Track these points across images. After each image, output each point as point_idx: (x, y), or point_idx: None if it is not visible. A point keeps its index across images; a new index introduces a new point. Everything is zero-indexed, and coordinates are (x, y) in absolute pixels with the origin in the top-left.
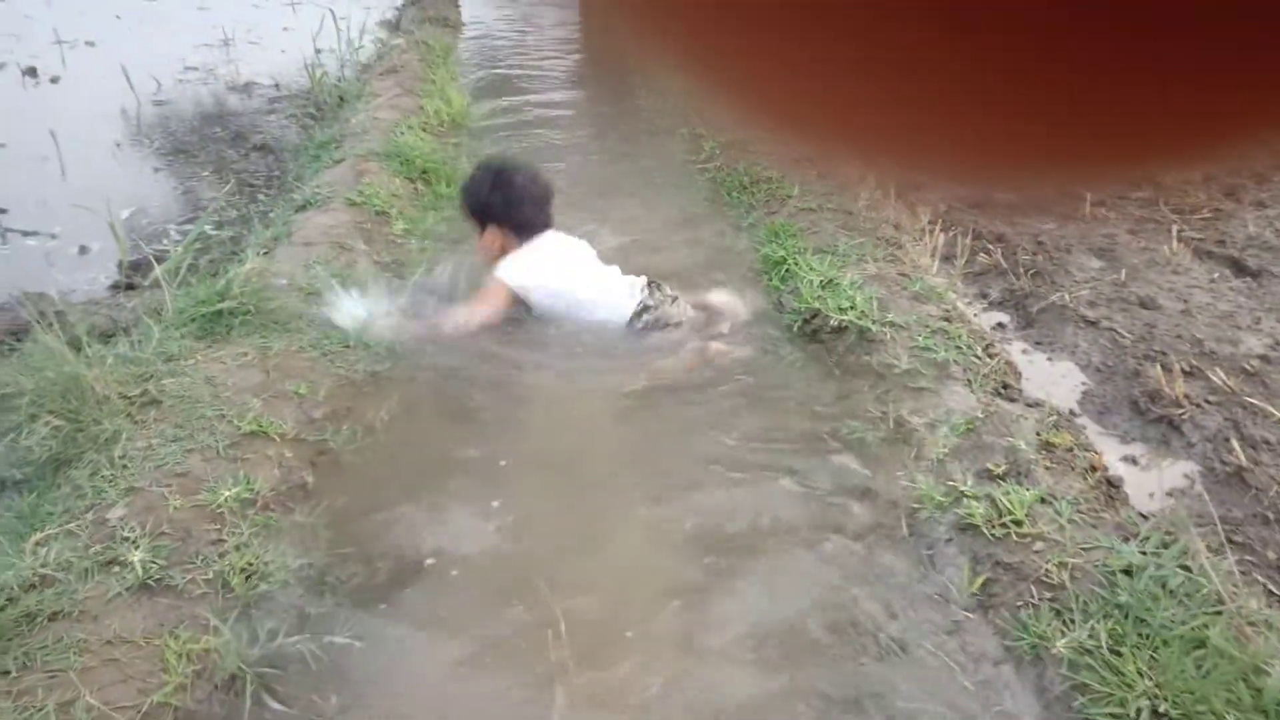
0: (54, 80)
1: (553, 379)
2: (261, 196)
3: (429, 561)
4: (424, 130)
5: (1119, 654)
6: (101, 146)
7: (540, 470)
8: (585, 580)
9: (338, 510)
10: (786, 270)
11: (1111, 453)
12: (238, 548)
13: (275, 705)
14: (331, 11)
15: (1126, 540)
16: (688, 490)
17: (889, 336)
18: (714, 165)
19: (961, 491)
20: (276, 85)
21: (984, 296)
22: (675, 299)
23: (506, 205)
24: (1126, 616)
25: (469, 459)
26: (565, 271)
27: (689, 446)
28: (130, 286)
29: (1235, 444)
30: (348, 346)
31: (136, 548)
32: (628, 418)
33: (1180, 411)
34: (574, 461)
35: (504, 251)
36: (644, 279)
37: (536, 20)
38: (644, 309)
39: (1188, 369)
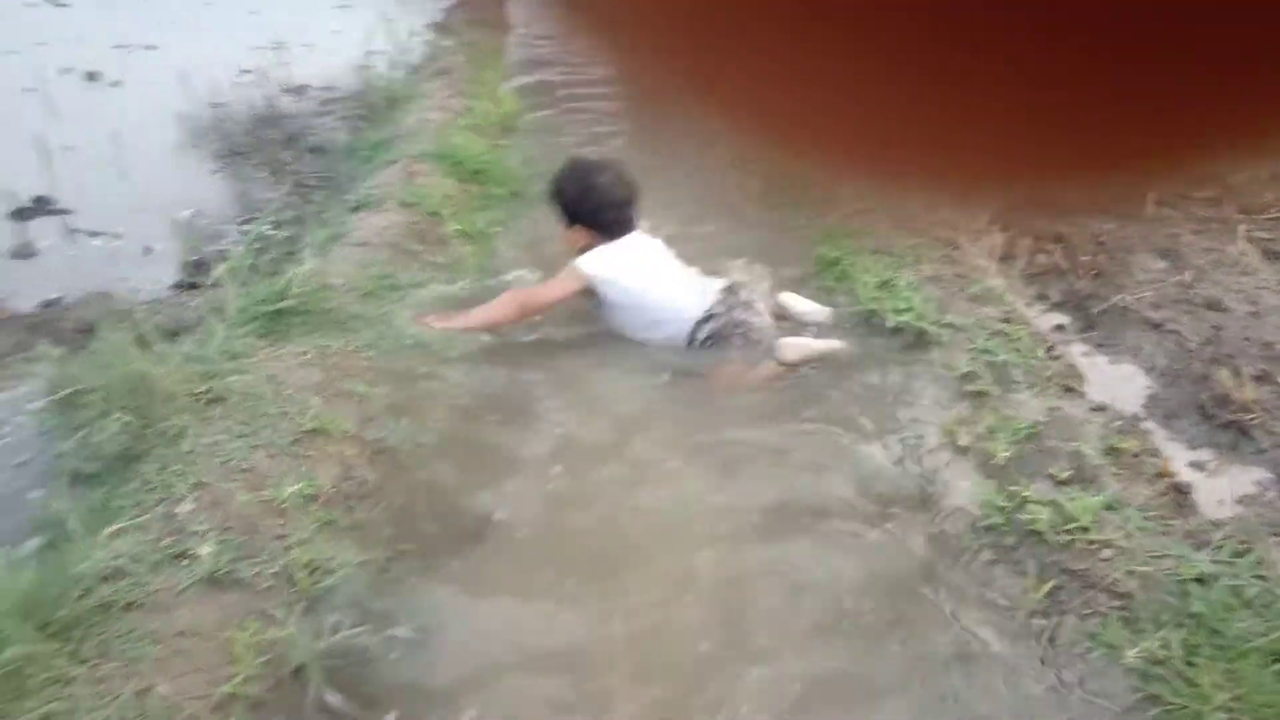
0: (115, 84)
1: (612, 375)
2: (316, 197)
3: (487, 553)
4: (474, 131)
5: (1193, 665)
6: (161, 149)
7: (600, 464)
8: (647, 576)
9: (397, 507)
10: (841, 271)
11: (1180, 459)
12: (301, 543)
13: (338, 697)
14: (383, 14)
15: (1198, 549)
16: (745, 486)
17: (947, 339)
18: (765, 162)
19: (1025, 497)
20: (329, 87)
21: (1044, 298)
22: (750, 304)
23: (590, 206)
24: (1200, 627)
25: (525, 456)
26: (640, 272)
27: (745, 445)
28: (193, 286)
29: None
30: (404, 346)
31: (205, 541)
32: (686, 412)
33: (1250, 416)
34: (632, 454)
35: (586, 250)
36: (723, 281)
37: None
38: (709, 317)
39: (1257, 373)
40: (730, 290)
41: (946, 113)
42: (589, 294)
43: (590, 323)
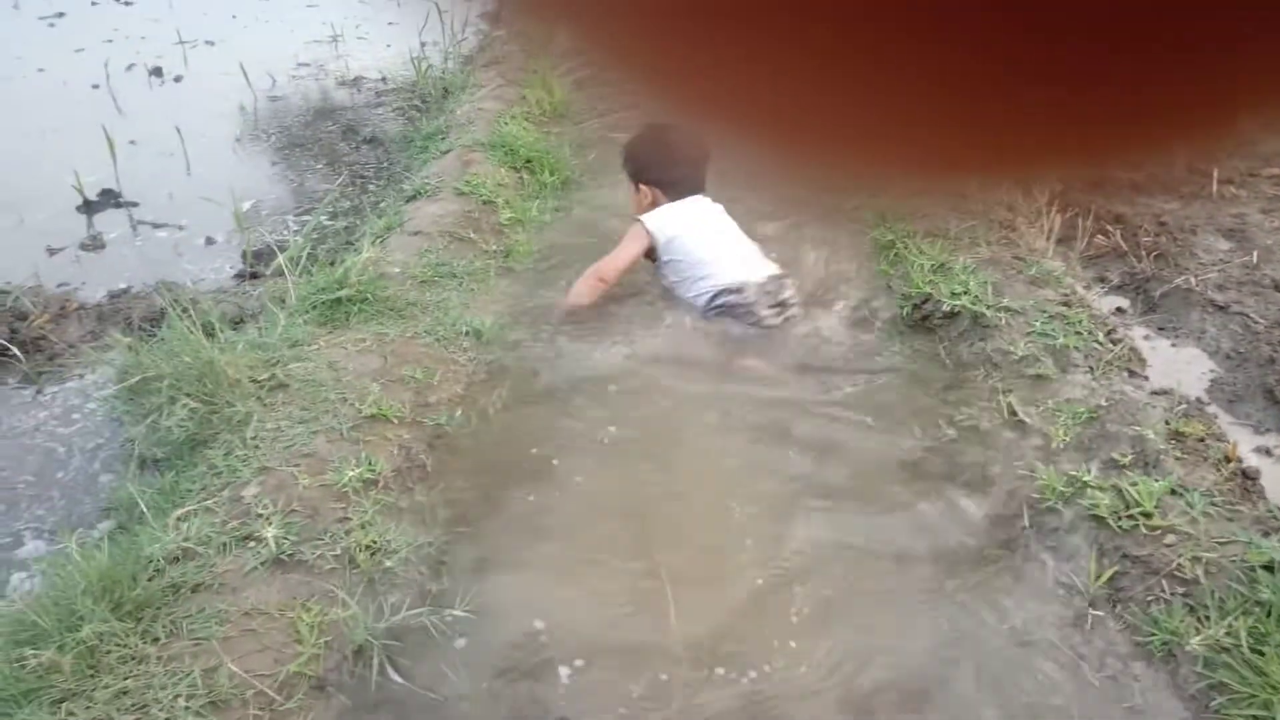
0: (177, 79)
1: (657, 358)
2: (372, 187)
3: (542, 535)
4: (527, 120)
5: (1261, 653)
6: (222, 142)
7: (649, 446)
8: (697, 554)
9: (454, 491)
10: (896, 254)
11: (1246, 443)
12: (362, 525)
13: (399, 677)
14: (436, 5)
15: (1266, 535)
16: (799, 462)
17: (1004, 322)
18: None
19: (1085, 482)
20: (383, 79)
21: (1103, 280)
22: (783, 302)
23: (661, 163)
24: (1269, 615)
25: (580, 439)
26: (700, 232)
27: (799, 426)
28: (254, 275)
29: None
30: (461, 333)
31: (269, 524)
32: (736, 394)
33: None
34: (681, 436)
35: (647, 211)
36: (775, 269)
37: None
38: (737, 289)
39: None
40: (775, 278)
41: (934, 107)
42: (650, 253)
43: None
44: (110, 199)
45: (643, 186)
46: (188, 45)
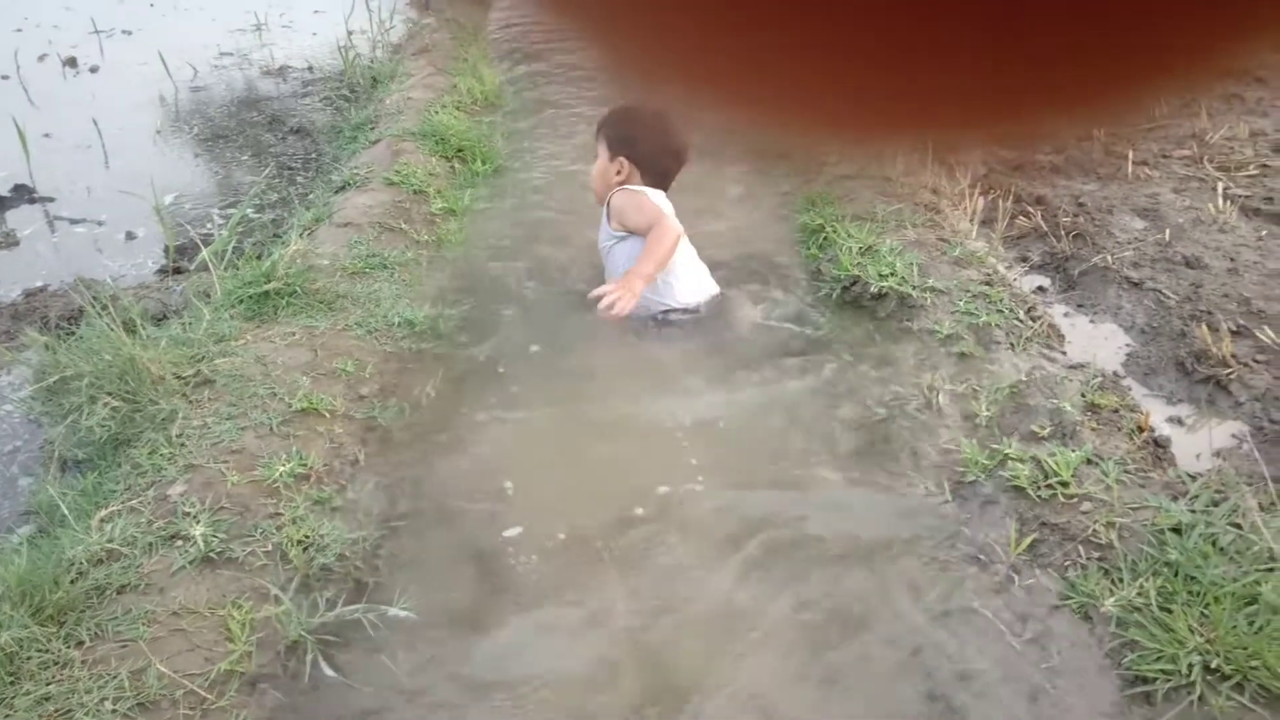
0: (93, 70)
1: (592, 343)
2: (300, 179)
3: (480, 530)
4: (458, 108)
5: (1169, 611)
6: (142, 134)
7: (587, 429)
8: (645, 543)
9: (389, 484)
10: (824, 238)
11: (1158, 413)
12: (294, 521)
13: (333, 673)
14: None
15: (1175, 499)
16: (728, 448)
17: (930, 302)
18: (747, 134)
19: (1006, 454)
20: (310, 68)
21: (1025, 260)
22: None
23: (655, 146)
24: (1176, 574)
25: (515, 428)
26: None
27: (727, 408)
28: (177, 270)
29: None
30: (392, 324)
31: (197, 522)
32: (672, 378)
33: (1228, 371)
34: (621, 417)
35: (622, 184)
36: (716, 290)
37: None
38: (688, 309)
39: (1235, 328)
40: (717, 298)
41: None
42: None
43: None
44: (24, 194)
45: (622, 159)
46: (103, 34)
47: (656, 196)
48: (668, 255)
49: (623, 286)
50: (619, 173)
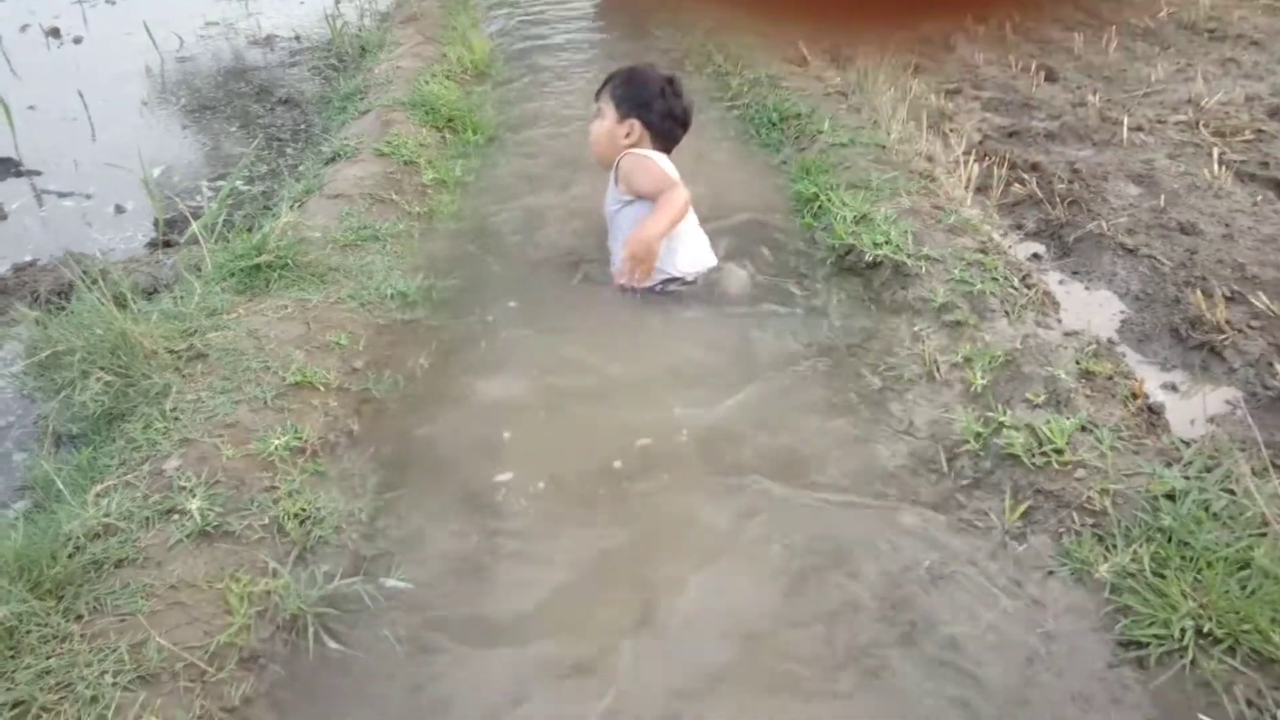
0: (77, 40)
1: (590, 314)
2: (290, 150)
3: (476, 501)
4: (448, 78)
5: (1163, 576)
6: (128, 105)
7: (582, 400)
8: (636, 510)
9: (384, 456)
10: (819, 206)
11: (1152, 380)
12: (290, 494)
13: (334, 645)
14: None
15: (1169, 465)
16: (724, 413)
17: (925, 270)
18: (741, 103)
19: (1001, 422)
20: (297, 37)
21: (1019, 227)
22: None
23: (665, 113)
24: (1170, 540)
25: (508, 398)
26: None
27: (723, 378)
28: (168, 244)
29: (1279, 368)
30: (385, 295)
31: (193, 496)
32: (666, 345)
33: (1222, 337)
34: (615, 386)
35: (631, 146)
36: (715, 261)
37: None
38: (685, 279)
39: (1229, 294)
40: (715, 269)
41: None
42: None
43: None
44: (10, 168)
45: (633, 121)
46: (87, 4)
47: (663, 161)
48: (679, 217)
49: (638, 254)
50: (628, 135)
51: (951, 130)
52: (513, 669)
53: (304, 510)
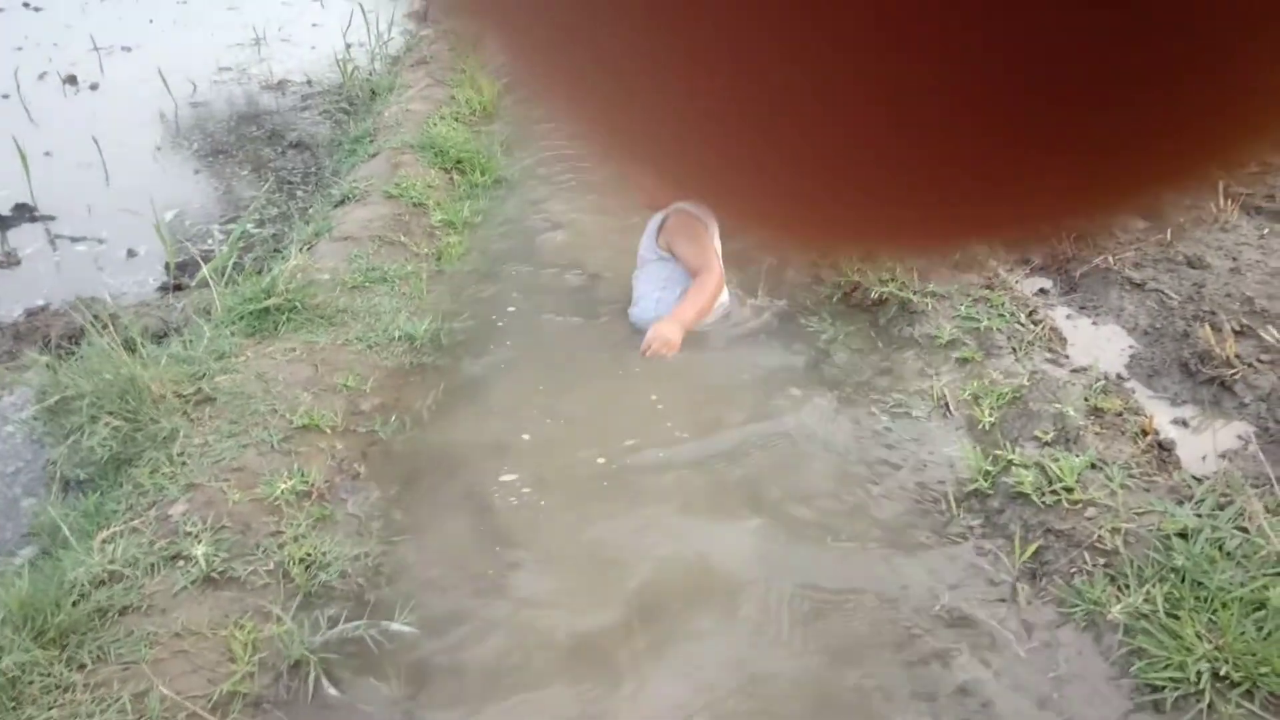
0: (93, 87)
1: (594, 357)
2: (300, 193)
3: (483, 545)
4: (456, 120)
5: (1176, 617)
6: (142, 150)
7: (587, 444)
8: (647, 555)
9: (390, 499)
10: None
11: (1162, 416)
12: (296, 539)
13: (335, 691)
14: (360, 6)
15: (1181, 503)
16: (733, 455)
17: (931, 307)
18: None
19: (1010, 460)
20: (309, 82)
21: (1025, 262)
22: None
23: None
24: (1183, 580)
25: (515, 442)
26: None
27: (729, 418)
28: (178, 287)
29: None
30: (393, 338)
31: (199, 542)
32: (675, 385)
33: (1232, 372)
34: (615, 430)
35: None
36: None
37: None
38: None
39: (1238, 328)
40: (722, 309)
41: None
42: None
43: (572, 304)
44: (25, 213)
45: None
46: (103, 52)
47: (712, 229)
48: (709, 308)
49: (664, 337)
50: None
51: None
52: (515, 717)
53: (309, 555)
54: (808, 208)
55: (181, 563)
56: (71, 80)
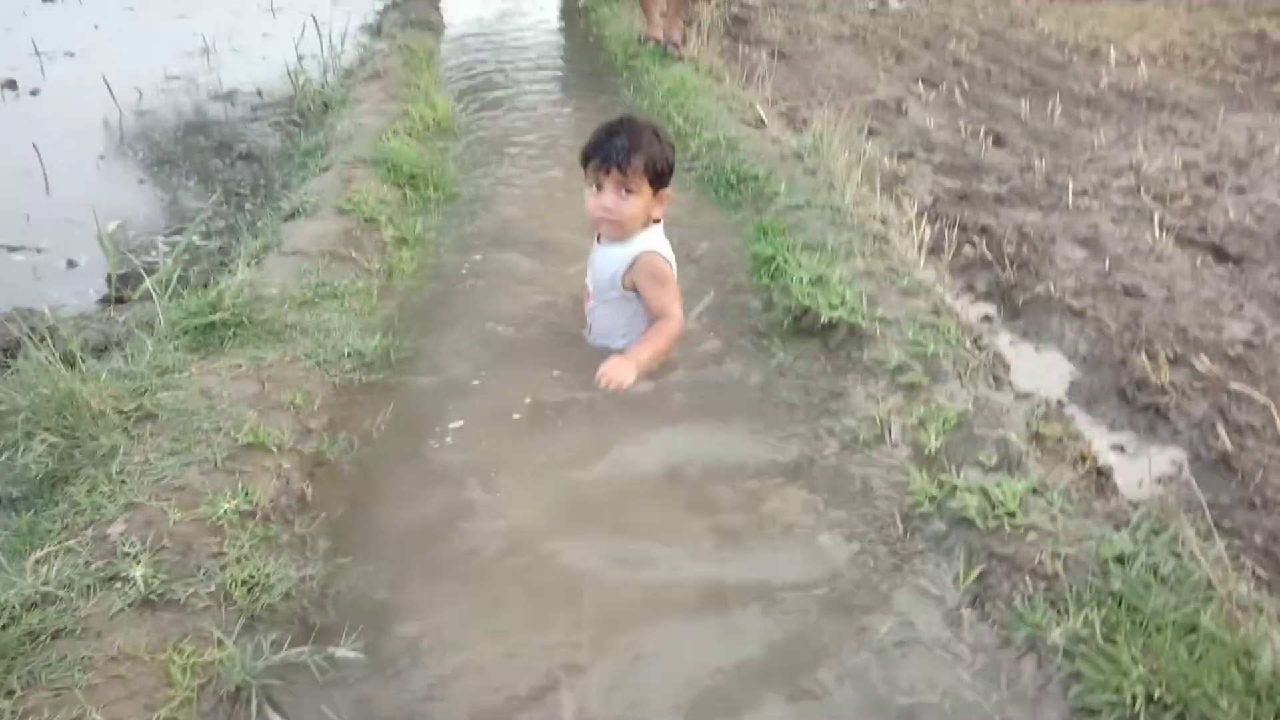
0: (34, 93)
1: (549, 377)
2: (249, 206)
3: (432, 567)
4: (410, 135)
5: (1113, 642)
6: (85, 159)
7: (540, 471)
8: (591, 583)
9: (337, 521)
10: (776, 268)
11: (1101, 441)
12: (239, 560)
13: (279, 717)
14: (313, 17)
15: (1118, 529)
16: (680, 483)
17: (879, 332)
18: (700, 164)
19: (954, 485)
20: (259, 93)
21: (971, 289)
22: None
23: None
24: (1120, 604)
25: (462, 464)
26: None
27: (679, 440)
28: (120, 300)
29: (1221, 430)
30: (341, 355)
31: (137, 563)
32: (621, 413)
33: (1167, 399)
34: (565, 454)
35: (648, 224)
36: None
37: (516, 20)
38: None
39: (1173, 356)
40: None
41: None
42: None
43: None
44: None
45: (665, 191)
46: (45, 56)
47: (671, 259)
48: (667, 352)
49: (618, 377)
50: (658, 209)
51: (904, 193)
52: None
53: (252, 577)
54: None
55: (119, 584)
56: (11, 85)
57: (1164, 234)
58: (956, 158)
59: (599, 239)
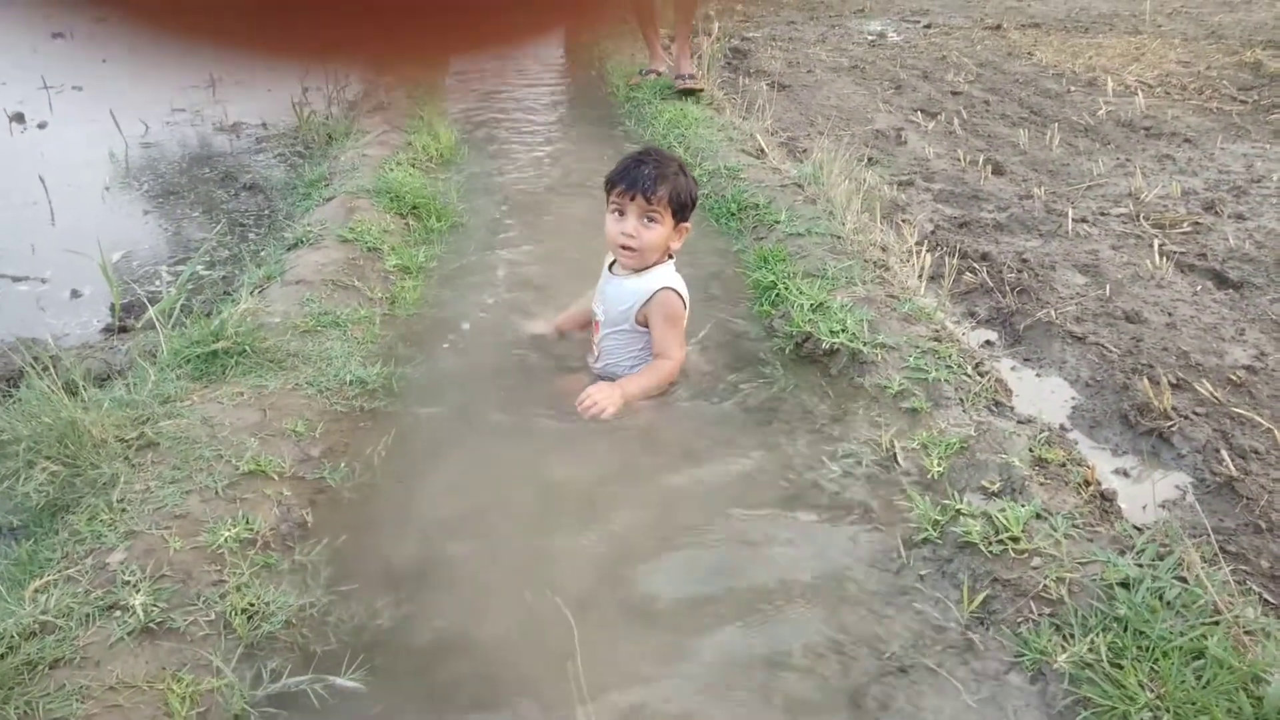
0: (41, 126)
1: (551, 404)
2: (252, 236)
3: (433, 597)
4: (413, 165)
5: (1120, 667)
6: (90, 190)
7: (540, 498)
8: (597, 604)
9: (338, 548)
10: (777, 295)
11: (1104, 466)
12: (239, 588)
13: None
14: None
15: (1122, 553)
16: (682, 508)
17: (880, 358)
18: (701, 193)
19: (958, 510)
20: (264, 124)
21: (972, 315)
22: None
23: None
24: (1126, 629)
25: (467, 491)
26: None
27: (683, 467)
28: (123, 329)
29: (1225, 454)
30: (343, 383)
31: (137, 591)
32: (622, 442)
33: (1169, 424)
34: (574, 483)
35: (664, 257)
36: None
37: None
38: None
39: (1175, 381)
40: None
41: None
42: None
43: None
44: None
45: (685, 225)
46: (53, 90)
47: (687, 307)
48: (659, 390)
49: (603, 402)
50: (676, 242)
51: (904, 221)
52: None
53: (252, 605)
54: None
55: (118, 613)
56: (19, 118)
57: (1164, 260)
58: (956, 186)
59: (610, 268)
